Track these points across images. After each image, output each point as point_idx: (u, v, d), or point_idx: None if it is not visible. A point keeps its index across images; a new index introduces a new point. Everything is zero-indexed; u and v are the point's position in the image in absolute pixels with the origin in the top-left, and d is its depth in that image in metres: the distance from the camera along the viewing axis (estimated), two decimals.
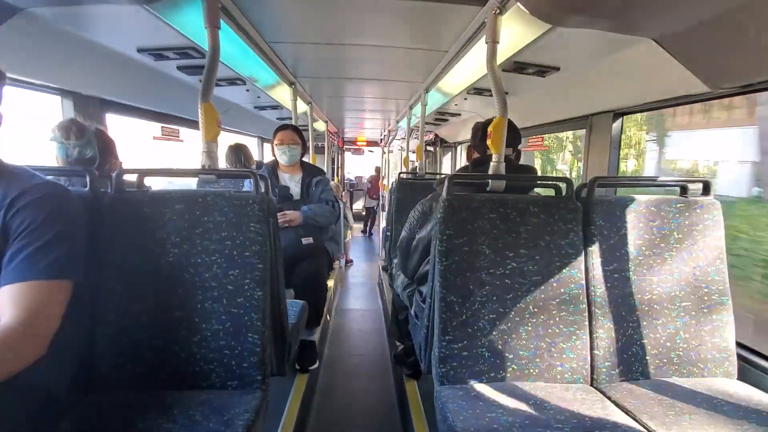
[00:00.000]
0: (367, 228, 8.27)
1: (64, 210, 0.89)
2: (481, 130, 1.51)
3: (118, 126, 1.99)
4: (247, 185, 2.14)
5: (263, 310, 1.12)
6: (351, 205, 9.19)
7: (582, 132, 2.14)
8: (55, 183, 0.91)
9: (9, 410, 0.79)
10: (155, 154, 2.63)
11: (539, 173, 1.66)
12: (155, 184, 1.32)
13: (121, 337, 1.09)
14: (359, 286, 4.53)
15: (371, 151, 9.58)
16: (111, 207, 1.12)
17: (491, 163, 1.29)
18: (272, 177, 2.28)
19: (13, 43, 1.22)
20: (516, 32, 1.38)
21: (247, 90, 2.60)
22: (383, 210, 5.84)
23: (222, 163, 2.52)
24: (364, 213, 8.62)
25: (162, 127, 2.36)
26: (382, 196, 6.43)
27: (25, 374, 0.76)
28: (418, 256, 1.56)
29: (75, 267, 0.88)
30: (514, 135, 1.42)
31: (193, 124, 2.62)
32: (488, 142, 1.29)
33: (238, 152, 2.66)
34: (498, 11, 1.25)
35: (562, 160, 5.17)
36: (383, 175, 7.78)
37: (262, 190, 1.18)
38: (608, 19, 1.18)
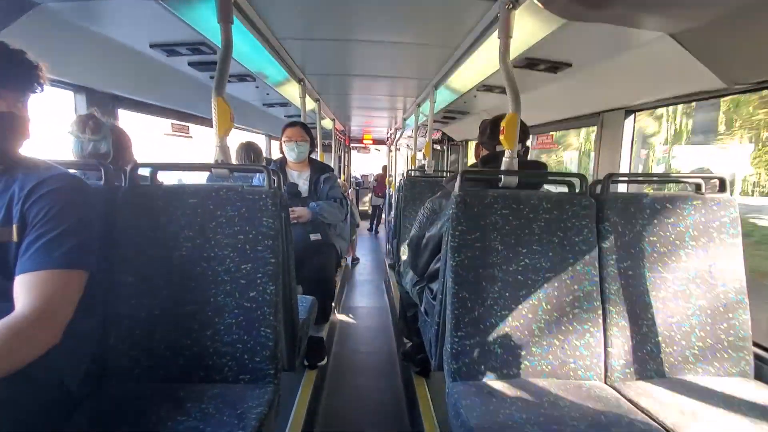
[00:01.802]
0: (373, 226, 8.28)
1: (80, 201, 0.90)
2: (489, 126, 1.50)
3: (128, 122, 2.00)
4: (256, 182, 2.15)
5: (275, 304, 1.12)
6: (357, 203, 9.20)
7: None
8: (72, 174, 0.92)
9: (23, 401, 0.80)
10: (165, 150, 2.65)
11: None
12: (165, 180, 1.33)
13: (135, 330, 1.10)
14: (366, 284, 4.53)
15: (377, 149, 9.57)
16: (125, 201, 1.12)
17: (504, 159, 1.28)
18: (281, 173, 2.28)
19: (29, 38, 1.23)
20: (529, 27, 1.37)
21: (257, 87, 2.60)
22: (389, 208, 5.84)
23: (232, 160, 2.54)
24: (370, 211, 8.62)
25: (172, 123, 2.37)
26: (389, 194, 6.43)
27: (40, 365, 0.77)
28: (429, 253, 1.55)
29: (90, 257, 0.89)
30: (522, 131, 1.41)
31: (202, 120, 2.63)
32: (501, 138, 1.28)
33: (249, 150, 2.66)
34: (511, 5, 1.24)
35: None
36: (390, 173, 7.79)
37: (275, 185, 1.18)
38: (624, 12, 1.16)
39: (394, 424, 1.90)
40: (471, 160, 4.94)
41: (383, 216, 7.81)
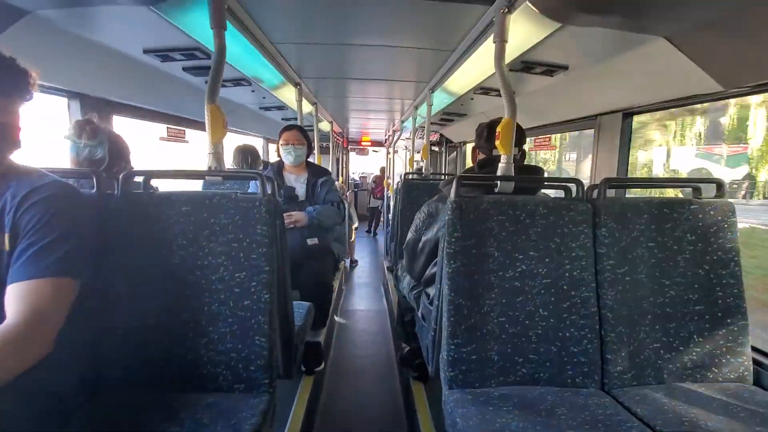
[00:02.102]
0: (372, 228, 8.26)
1: (72, 209, 0.89)
2: (486, 130, 1.50)
3: (124, 127, 1.99)
4: (253, 186, 2.14)
5: (270, 312, 1.11)
6: (355, 205, 9.19)
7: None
8: (64, 182, 0.91)
9: (17, 411, 0.79)
10: (161, 155, 2.63)
11: None
12: (161, 185, 1.32)
13: (128, 339, 1.09)
14: (364, 287, 4.51)
15: (376, 152, 9.56)
16: (118, 208, 1.12)
17: (500, 164, 1.27)
18: (278, 177, 2.28)
19: (21, 45, 1.23)
20: (525, 31, 1.36)
21: (253, 91, 2.59)
22: (388, 210, 5.83)
23: (228, 165, 2.53)
24: (368, 213, 8.60)
25: (168, 128, 2.36)
26: (387, 197, 6.42)
27: (33, 375, 0.76)
28: (425, 257, 1.55)
29: (81, 266, 0.88)
30: (519, 134, 1.41)
31: (198, 125, 2.62)
32: (496, 142, 1.27)
33: (246, 153, 2.66)
34: (507, 9, 1.23)
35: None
36: (388, 175, 7.77)
37: (269, 192, 1.17)
38: (619, 17, 1.16)
39: (392, 430, 1.89)
40: (469, 163, 4.92)
41: (381, 218, 7.80)
